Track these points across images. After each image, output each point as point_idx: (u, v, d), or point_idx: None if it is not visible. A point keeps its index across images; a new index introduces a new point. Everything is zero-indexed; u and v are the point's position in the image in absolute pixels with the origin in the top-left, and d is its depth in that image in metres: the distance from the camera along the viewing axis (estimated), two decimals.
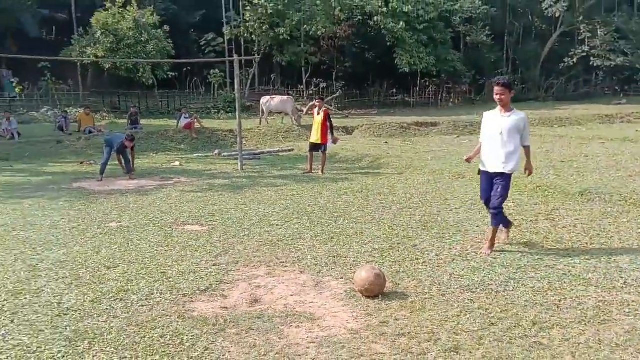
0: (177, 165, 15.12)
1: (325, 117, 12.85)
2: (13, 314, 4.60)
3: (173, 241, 6.90)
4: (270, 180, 12.10)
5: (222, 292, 5.10)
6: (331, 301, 4.84)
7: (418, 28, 31.94)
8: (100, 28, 26.25)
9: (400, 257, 6.06)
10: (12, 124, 19.02)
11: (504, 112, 6.17)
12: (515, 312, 4.48)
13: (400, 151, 16.33)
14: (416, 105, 34.82)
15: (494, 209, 6.22)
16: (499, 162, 6.14)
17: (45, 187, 11.59)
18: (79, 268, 5.82)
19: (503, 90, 6.09)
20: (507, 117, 6.15)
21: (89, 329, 4.26)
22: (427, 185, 10.89)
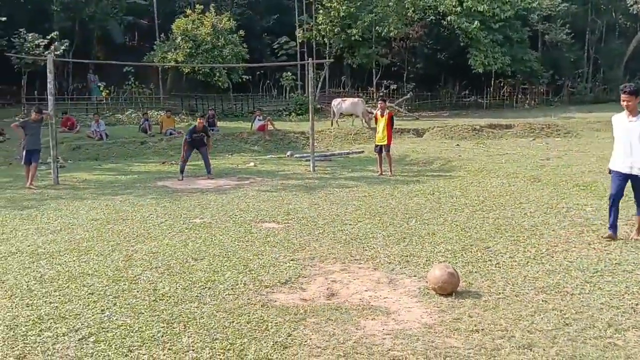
0: (252, 166, 15.68)
1: (389, 119, 13.07)
2: (115, 298, 5.09)
3: (252, 237, 7.30)
4: (341, 182, 12.38)
5: (300, 285, 5.41)
6: (405, 297, 5.04)
7: (493, 27, 31.25)
8: (180, 34, 27.47)
9: (473, 258, 6.16)
10: (100, 125, 20.29)
11: (631, 116, 6.63)
12: (590, 314, 4.52)
13: (472, 154, 16.20)
14: (490, 106, 34.13)
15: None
16: (629, 164, 6.66)
17: (133, 185, 12.39)
18: (169, 259, 6.30)
19: (629, 97, 6.56)
20: (634, 122, 6.59)
21: (183, 313, 4.67)
22: (501, 188, 10.83)
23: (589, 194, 9.91)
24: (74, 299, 5.07)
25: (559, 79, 37.77)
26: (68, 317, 4.65)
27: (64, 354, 3.97)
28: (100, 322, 4.54)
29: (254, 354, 3.89)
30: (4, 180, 13.44)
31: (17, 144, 18.24)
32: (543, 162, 13.79)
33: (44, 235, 7.59)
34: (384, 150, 13.24)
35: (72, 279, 5.64)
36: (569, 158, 14.52)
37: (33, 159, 12.35)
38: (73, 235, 7.58)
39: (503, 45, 32.01)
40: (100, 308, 4.84)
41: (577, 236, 7.03)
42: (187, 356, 3.89)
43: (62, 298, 5.10)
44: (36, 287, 5.41)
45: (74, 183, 12.82)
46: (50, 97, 12.91)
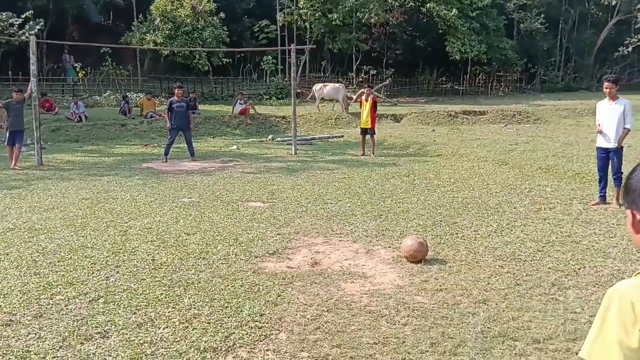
0: (235, 149, 16.14)
1: (372, 104, 13.73)
2: (117, 267, 5.59)
3: (240, 214, 7.83)
4: (322, 164, 12.94)
5: (287, 255, 5.98)
6: (380, 264, 5.65)
7: (470, 15, 31.88)
8: (159, 15, 27.49)
9: (441, 232, 6.80)
10: (79, 107, 20.43)
11: (612, 101, 8.12)
12: (539, 277, 5.20)
13: (447, 139, 16.88)
14: (466, 93, 34.92)
15: (616, 174, 8.07)
16: (611, 139, 8.02)
17: (118, 166, 12.78)
18: (163, 234, 6.81)
19: (611, 85, 8.03)
20: (614, 105, 8.09)
21: (182, 278, 5.21)
22: (471, 171, 11.52)
23: (550, 176, 10.64)
24: (78, 268, 5.55)
25: (532, 67, 38.68)
26: (75, 283, 5.14)
27: (78, 313, 4.48)
28: (106, 287, 5.05)
29: (249, 310, 4.46)
30: None
31: None
32: (511, 147, 14.52)
33: (37, 213, 7.98)
34: (368, 132, 13.89)
35: (73, 251, 6.11)
36: (535, 143, 15.29)
37: (17, 140, 12.55)
38: (67, 213, 8.00)
39: (480, 33, 32.71)
40: (105, 275, 5.34)
41: (535, 213, 7.72)
42: (189, 313, 4.44)
43: (67, 267, 5.58)
44: (40, 259, 5.86)
45: (57, 164, 13.13)
46: (32, 79, 13.07)
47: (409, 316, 4.36)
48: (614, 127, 8.04)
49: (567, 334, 4.02)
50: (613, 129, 8.06)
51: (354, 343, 3.94)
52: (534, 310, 4.44)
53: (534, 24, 36.77)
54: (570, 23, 41.02)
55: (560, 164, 11.51)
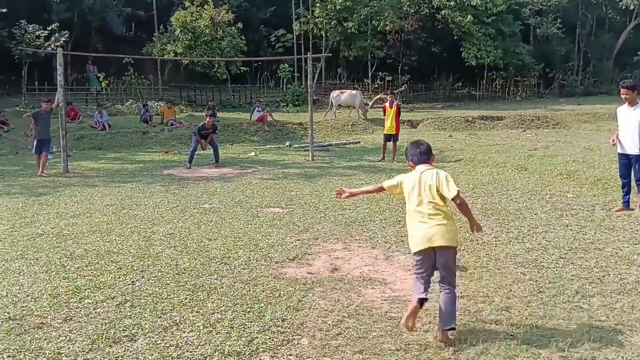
0: (253, 155, 16.28)
1: (397, 110, 13.91)
2: (142, 272, 5.71)
3: (260, 220, 7.93)
4: (339, 170, 13.02)
5: (307, 261, 6.05)
6: (400, 271, 5.69)
7: (486, 21, 31.87)
8: (179, 26, 27.88)
9: (461, 238, 6.78)
10: (103, 116, 20.81)
11: (630, 107, 8.04)
12: (562, 284, 5.19)
13: (464, 144, 16.86)
14: (482, 98, 34.81)
15: (638, 180, 8.03)
16: (632, 145, 7.97)
17: (140, 173, 12.98)
18: (185, 239, 6.92)
19: (627, 91, 7.97)
20: (632, 111, 7.98)
21: (205, 284, 5.31)
22: (490, 176, 11.50)
23: (571, 182, 10.59)
24: (105, 273, 5.68)
25: (550, 71, 38.44)
26: (103, 287, 5.27)
27: (106, 316, 4.59)
28: (132, 291, 5.16)
29: (271, 315, 4.53)
30: (14, 168, 13.97)
31: (21, 134, 18.78)
32: (530, 153, 14.46)
33: (65, 219, 8.17)
34: (392, 139, 14.22)
35: (99, 256, 6.25)
36: (555, 148, 15.20)
37: (44, 148, 12.89)
38: (92, 219, 8.17)
39: (495, 39, 32.65)
40: (130, 280, 5.46)
41: (557, 219, 7.70)
42: (213, 317, 4.53)
43: (95, 272, 5.71)
44: (68, 263, 6.01)
45: (82, 171, 13.39)
46: (59, 89, 13.39)
47: (430, 323, 4.40)
48: (633, 133, 7.94)
49: (592, 343, 4.02)
50: (631, 135, 7.96)
51: (376, 349, 3.99)
52: (557, 318, 4.45)
53: (551, 28, 36.57)
54: (588, 27, 40.72)
55: (582, 169, 11.44)
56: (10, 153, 17.03)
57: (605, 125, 22.09)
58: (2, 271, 5.76)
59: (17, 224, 7.84)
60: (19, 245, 6.73)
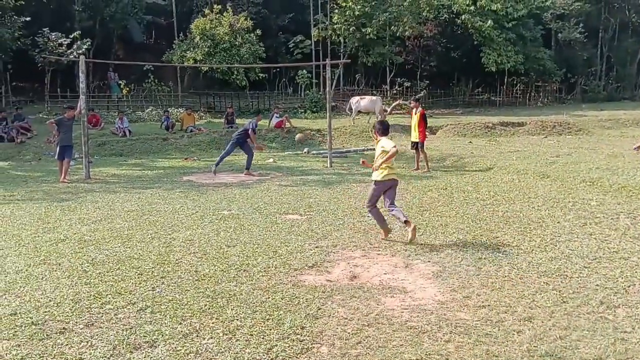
0: (271, 161, 16.32)
1: (420, 117, 13.68)
2: (162, 278, 5.73)
3: (278, 227, 7.92)
4: (358, 177, 12.98)
5: (325, 268, 6.02)
6: (420, 279, 5.64)
7: (506, 26, 31.67)
8: (199, 33, 28.17)
9: (482, 247, 6.74)
10: (124, 122, 21.05)
11: None
12: (586, 294, 5.10)
13: (484, 151, 16.71)
14: (502, 104, 34.52)
15: None
16: None
17: (160, 179, 13.09)
18: (205, 246, 6.94)
19: None
20: None
21: (224, 290, 5.31)
22: (511, 184, 11.37)
23: (594, 189, 10.41)
24: (126, 279, 5.71)
25: (572, 77, 38.01)
26: (124, 293, 5.30)
27: (127, 322, 4.61)
28: (153, 297, 5.18)
29: (290, 323, 4.51)
30: (37, 174, 14.20)
31: (44, 140, 19.08)
32: (553, 159, 14.28)
33: (86, 224, 8.25)
34: (416, 147, 13.97)
35: (120, 262, 6.29)
36: (578, 155, 14.99)
37: (66, 154, 13.05)
38: (113, 224, 8.24)
39: (516, 44, 32.40)
40: (151, 286, 5.48)
41: (580, 228, 7.57)
42: (232, 324, 4.52)
43: (116, 278, 5.75)
44: (90, 269, 6.06)
45: (104, 177, 13.54)
46: (82, 97, 13.55)
47: (451, 333, 4.34)
48: None
49: (617, 355, 3.93)
50: None
51: (396, 359, 3.95)
52: (582, 329, 4.37)
53: (573, 33, 36.18)
54: (611, 32, 40.22)
55: (605, 176, 11.25)
56: (33, 159, 17.30)
57: (628, 132, 21.76)
58: (25, 276, 5.83)
59: (40, 229, 7.94)
60: (42, 250, 6.81)
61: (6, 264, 6.26)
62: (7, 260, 6.40)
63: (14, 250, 6.83)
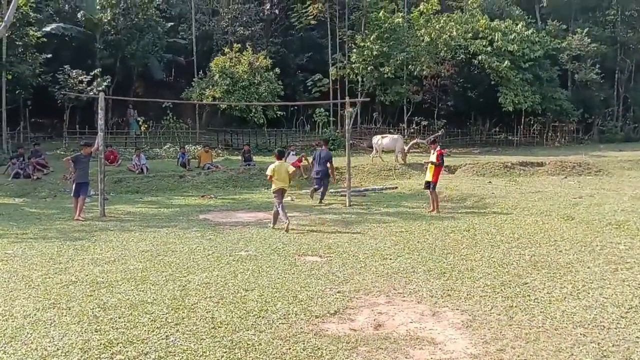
0: (289, 200, 16.09)
1: (437, 157, 13.39)
2: (176, 325, 5.48)
3: (298, 269, 7.66)
4: (378, 217, 12.71)
5: (348, 315, 5.74)
6: (449, 329, 5.33)
7: (523, 66, 31.70)
8: (218, 71, 28.47)
9: (512, 294, 6.42)
10: (141, 159, 21.06)
11: None
12: (627, 347, 4.77)
13: (505, 191, 16.39)
14: (520, 144, 34.25)
15: None
16: None
17: (176, 217, 12.92)
18: (221, 289, 6.69)
19: None
20: None
21: (242, 339, 5.04)
22: (535, 226, 11.03)
23: (621, 232, 10.05)
24: (138, 325, 5.47)
25: (589, 117, 37.74)
26: (136, 342, 5.04)
27: None
28: (167, 346, 4.92)
29: None
30: (52, 211, 14.08)
31: (60, 177, 19.09)
32: (575, 201, 13.93)
33: (99, 265, 8.05)
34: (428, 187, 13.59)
35: (133, 307, 6.05)
36: (601, 197, 14.63)
37: (81, 191, 12.93)
38: (127, 265, 8.02)
39: (533, 84, 32.36)
40: (165, 334, 5.23)
41: (612, 274, 7.23)
42: None
43: (128, 324, 5.50)
44: (101, 314, 5.82)
45: (119, 215, 13.39)
46: (100, 133, 13.54)
47: None
48: None
49: None
50: None
51: None
52: None
53: (589, 74, 36.05)
54: (627, 73, 40.09)
55: (632, 219, 10.89)
56: (48, 196, 17.25)
57: None
58: (33, 321, 5.61)
59: (51, 270, 7.74)
60: (52, 293, 6.60)
61: (14, 308, 6.05)
62: (16, 304, 6.20)
63: (23, 293, 6.62)
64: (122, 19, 30.31)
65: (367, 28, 32.17)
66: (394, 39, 31.17)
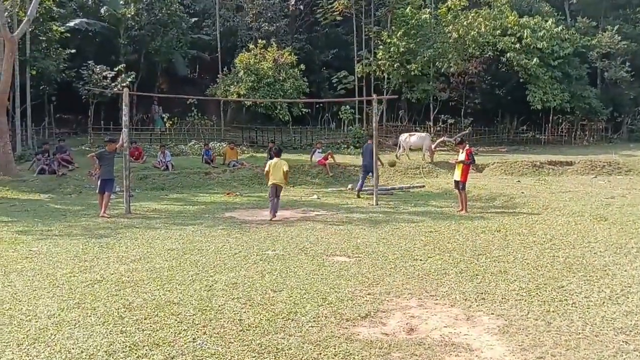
0: (315, 198, 15.99)
1: (466, 156, 13.11)
2: (203, 327, 5.37)
3: (326, 270, 7.51)
4: (405, 216, 12.51)
5: (380, 319, 5.57)
6: (485, 334, 5.13)
7: (552, 64, 31.07)
8: (243, 68, 28.42)
9: (548, 297, 6.18)
10: (166, 156, 21.10)
11: None
12: None
13: (534, 190, 16.03)
14: (548, 142, 33.59)
15: None
16: None
17: (202, 215, 12.87)
18: (249, 290, 6.57)
19: None
20: None
21: (271, 343, 4.91)
22: (567, 226, 10.72)
23: None
24: (164, 327, 5.36)
25: (619, 116, 36.84)
26: (162, 345, 4.93)
27: None
28: (194, 350, 4.80)
29: None
30: (77, 208, 14.15)
31: (85, 173, 19.20)
32: (608, 201, 13.54)
33: (125, 263, 7.97)
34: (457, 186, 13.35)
35: (159, 308, 5.94)
36: (633, 197, 14.21)
37: (107, 188, 12.93)
38: (153, 264, 7.94)
39: (562, 82, 31.71)
40: (191, 336, 5.11)
41: None
42: None
43: (154, 326, 5.39)
44: (126, 315, 5.72)
45: (144, 212, 13.39)
46: (124, 130, 13.50)
47: None
48: None
49: None
50: None
51: None
52: None
53: (619, 72, 35.16)
54: None
55: None
56: (74, 192, 17.36)
57: None
58: (57, 322, 5.53)
59: (76, 268, 7.69)
60: (77, 292, 6.54)
61: (38, 307, 5.99)
62: (40, 303, 6.13)
63: (47, 292, 6.56)
64: (145, 14, 30.28)
65: (393, 24, 31.84)
66: (421, 35, 30.81)
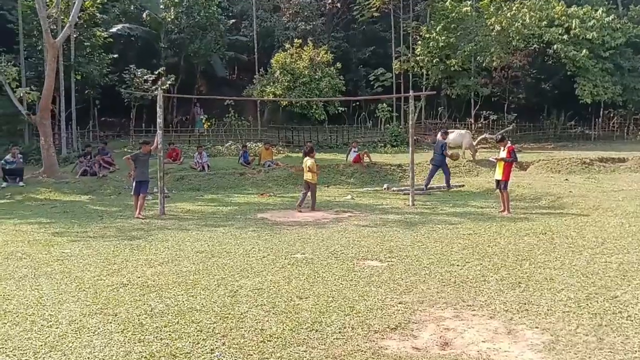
0: (349, 198, 15.57)
1: (507, 154, 12.42)
2: (223, 337, 5.05)
3: (356, 275, 7.10)
4: (443, 217, 11.96)
5: (411, 331, 5.13)
6: (528, 351, 4.63)
7: (603, 55, 29.62)
8: (279, 67, 28.22)
9: (600, 309, 5.61)
10: (203, 157, 21.04)
11: None
12: None
13: (584, 189, 15.17)
14: (598, 138, 32.13)
15: None
16: None
17: (234, 216, 12.64)
18: (274, 297, 6.23)
19: None
20: None
21: (292, 356, 4.55)
22: (621, 229, 9.98)
23: None
24: (183, 336, 5.08)
25: None
26: (179, 356, 4.66)
27: None
28: None
29: None
30: (114, 209, 14.18)
31: (125, 174, 19.34)
32: None
33: (152, 266, 7.81)
34: (498, 186, 12.67)
35: (180, 314, 5.69)
36: None
37: (142, 189, 12.92)
38: (180, 267, 7.74)
39: (613, 74, 30.21)
40: (210, 347, 4.81)
41: None
42: None
43: (172, 334, 5.13)
44: (147, 322, 5.49)
45: (178, 213, 13.28)
46: (159, 131, 13.43)
47: None
48: None
49: None
50: None
51: None
52: None
53: None
54: None
55: None
56: (113, 193, 17.48)
57: None
58: (77, 328, 5.33)
59: (104, 271, 7.55)
60: (101, 297, 6.35)
61: (61, 312, 5.81)
62: (63, 308, 5.97)
63: (72, 296, 6.41)
64: (185, 18, 30.63)
65: (432, 18, 31.07)
66: (462, 29, 29.90)
